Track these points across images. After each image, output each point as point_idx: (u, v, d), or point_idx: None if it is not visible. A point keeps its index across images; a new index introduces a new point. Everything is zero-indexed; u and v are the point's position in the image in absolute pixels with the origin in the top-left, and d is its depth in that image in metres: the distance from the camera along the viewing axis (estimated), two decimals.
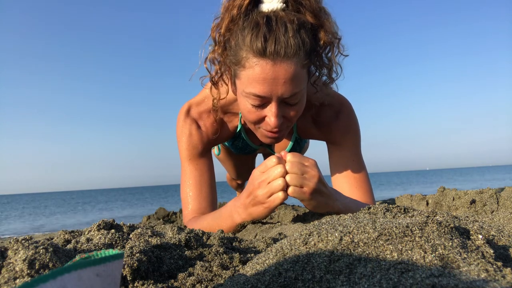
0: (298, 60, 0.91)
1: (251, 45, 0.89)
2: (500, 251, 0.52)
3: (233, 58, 0.96)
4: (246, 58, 0.92)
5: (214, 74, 1.08)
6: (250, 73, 0.92)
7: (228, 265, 0.58)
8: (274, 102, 0.95)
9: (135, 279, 0.51)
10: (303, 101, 1.02)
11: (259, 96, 0.94)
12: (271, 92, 0.93)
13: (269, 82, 0.91)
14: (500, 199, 1.35)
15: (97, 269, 0.30)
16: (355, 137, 1.26)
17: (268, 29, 0.88)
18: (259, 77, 0.91)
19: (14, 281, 0.44)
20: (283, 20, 0.90)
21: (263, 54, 0.89)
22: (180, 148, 1.25)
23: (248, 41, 0.90)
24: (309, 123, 1.27)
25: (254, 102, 0.96)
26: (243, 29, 0.92)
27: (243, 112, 1.04)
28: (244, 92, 0.96)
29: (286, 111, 1.00)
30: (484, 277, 0.36)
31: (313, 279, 0.41)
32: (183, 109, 1.25)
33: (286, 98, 0.95)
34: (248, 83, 0.94)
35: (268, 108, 0.98)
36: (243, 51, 0.92)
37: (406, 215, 0.61)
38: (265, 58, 0.89)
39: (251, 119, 1.02)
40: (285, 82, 0.91)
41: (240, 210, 1.01)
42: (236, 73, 0.99)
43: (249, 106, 0.99)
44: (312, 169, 0.93)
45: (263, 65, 0.90)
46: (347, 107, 1.25)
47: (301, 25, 0.91)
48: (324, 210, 0.99)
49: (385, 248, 0.42)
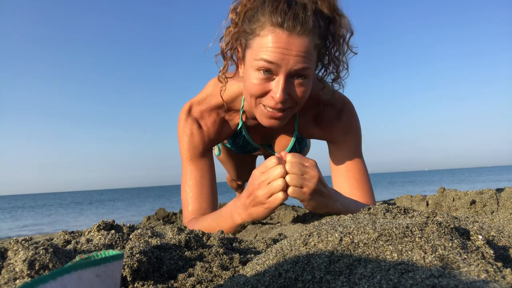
0: (312, 39, 0.94)
1: (270, 17, 0.92)
2: (500, 251, 0.52)
3: (248, 28, 0.97)
4: (263, 27, 0.94)
5: (225, 45, 1.07)
6: (263, 40, 0.94)
7: (228, 266, 0.58)
8: (282, 75, 0.96)
9: (135, 279, 0.51)
10: (309, 83, 1.01)
11: (269, 62, 0.94)
12: (281, 60, 0.94)
13: (281, 51, 0.93)
14: (500, 200, 1.35)
15: (97, 270, 0.30)
16: (356, 137, 1.26)
17: (288, 5, 0.92)
18: (273, 43, 0.93)
19: (14, 281, 0.44)
20: (303, 1, 0.93)
21: (280, 25, 0.92)
22: (181, 148, 1.24)
23: (267, 13, 0.92)
24: (311, 122, 1.28)
25: (263, 67, 0.96)
26: (263, 3, 0.94)
27: (247, 84, 1.02)
28: (254, 60, 0.96)
29: (292, 89, 0.99)
30: (484, 278, 0.36)
31: (313, 279, 0.41)
32: (184, 108, 1.25)
33: (295, 72, 0.96)
34: (260, 49, 0.95)
35: (275, 81, 0.98)
36: (260, 22, 0.94)
37: (406, 216, 0.61)
38: (282, 28, 0.92)
39: (255, 91, 1.00)
40: (297, 55, 0.93)
41: (240, 210, 1.01)
42: (248, 44, 0.99)
43: (255, 77, 0.98)
44: (312, 170, 0.93)
45: (278, 34, 0.92)
46: (349, 107, 1.25)
47: (318, 11, 0.95)
48: (324, 211, 0.99)
49: (385, 248, 0.42)
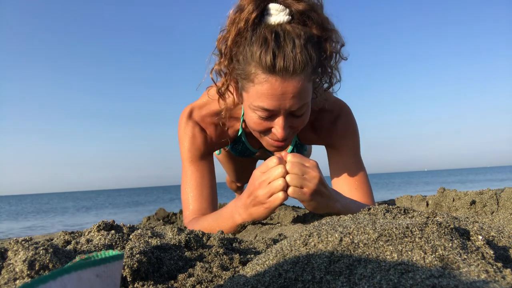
0: (306, 75, 0.93)
1: (260, 61, 0.91)
2: (500, 252, 0.52)
3: (241, 72, 0.97)
4: (255, 73, 0.93)
5: (220, 85, 1.09)
6: (259, 89, 0.94)
7: (228, 266, 0.58)
8: (282, 115, 0.99)
9: (135, 280, 0.51)
10: (308, 111, 1.05)
11: (267, 110, 0.97)
12: (279, 106, 0.96)
13: (277, 97, 0.94)
14: (500, 200, 1.35)
15: (97, 270, 0.31)
16: (354, 141, 1.26)
17: (276, 45, 0.90)
18: (268, 92, 0.93)
19: (14, 282, 0.44)
20: (291, 36, 0.90)
21: (272, 70, 0.90)
22: (182, 150, 1.25)
23: (257, 57, 0.91)
24: (308, 129, 1.28)
25: (262, 114, 0.99)
26: (251, 44, 0.93)
27: (249, 123, 1.06)
28: (252, 105, 0.99)
29: (292, 121, 1.03)
30: (484, 278, 0.36)
31: (313, 280, 0.41)
32: (185, 111, 1.25)
33: (293, 111, 0.98)
34: (256, 97, 0.96)
35: (276, 120, 1.01)
36: (252, 66, 0.93)
37: (406, 216, 0.61)
38: (274, 75, 0.91)
39: (258, 129, 1.05)
40: (293, 97, 0.94)
41: (241, 210, 1.01)
42: (243, 86, 1.01)
43: (256, 118, 1.01)
44: (312, 170, 0.93)
45: (272, 82, 0.92)
46: (345, 111, 1.25)
47: (308, 39, 0.92)
48: (324, 211, 0.99)
49: (385, 249, 0.42)
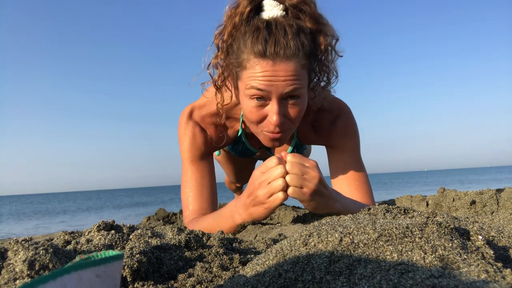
0: (298, 61, 0.95)
1: (252, 48, 0.94)
2: (500, 252, 0.52)
3: (235, 61, 1.00)
4: (248, 59, 0.97)
5: (217, 78, 1.11)
6: (250, 72, 0.97)
7: (228, 266, 0.58)
8: (275, 99, 0.98)
9: (135, 280, 0.51)
10: (304, 101, 1.03)
11: (260, 90, 0.97)
12: (271, 86, 0.96)
13: (269, 78, 0.95)
14: (500, 200, 1.35)
15: (97, 270, 0.31)
16: (354, 141, 1.26)
17: (268, 32, 0.94)
18: (259, 74, 0.95)
19: (14, 282, 0.44)
20: (283, 25, 0.95)
21: (263, 55, 0.94)
22: (182, 150, 1.25)
23: (249, 44, 0.95)
24: (308, 128, 1.28)
25: (255, 96, 0.99)
26: (244, 34, 0.97)
27: (245, 112, 1.06)
28: (246, 90, 0.99)
29: (287, 110, 1.02)
30: (484, 278, 0.36)
31: (313, 280, 0.41)
32: (186, 111, 1.25)
33: (287, 95, 0.98)
34: (248, 80, 0.98)
35: (269, 106, 1.00)
36: (245, 53, 0.97)
37: (406, 216, 0.61)
38: (266, 59, 0.94)
39: (252, 118, 1.04)
40: (285, 79, 0.95)
41: (240, 210, 1.02)
42: (238, 75, 1.02)
43: (250, 105, 1.01)
44: (312, 170, 0.93)
45: (263, 64, 0.95)
46: (345, 111, 1.25)
47: (300, 29, 0.96)
48: (324, 211, 0.99)
49: (385, 249, 0.42)
